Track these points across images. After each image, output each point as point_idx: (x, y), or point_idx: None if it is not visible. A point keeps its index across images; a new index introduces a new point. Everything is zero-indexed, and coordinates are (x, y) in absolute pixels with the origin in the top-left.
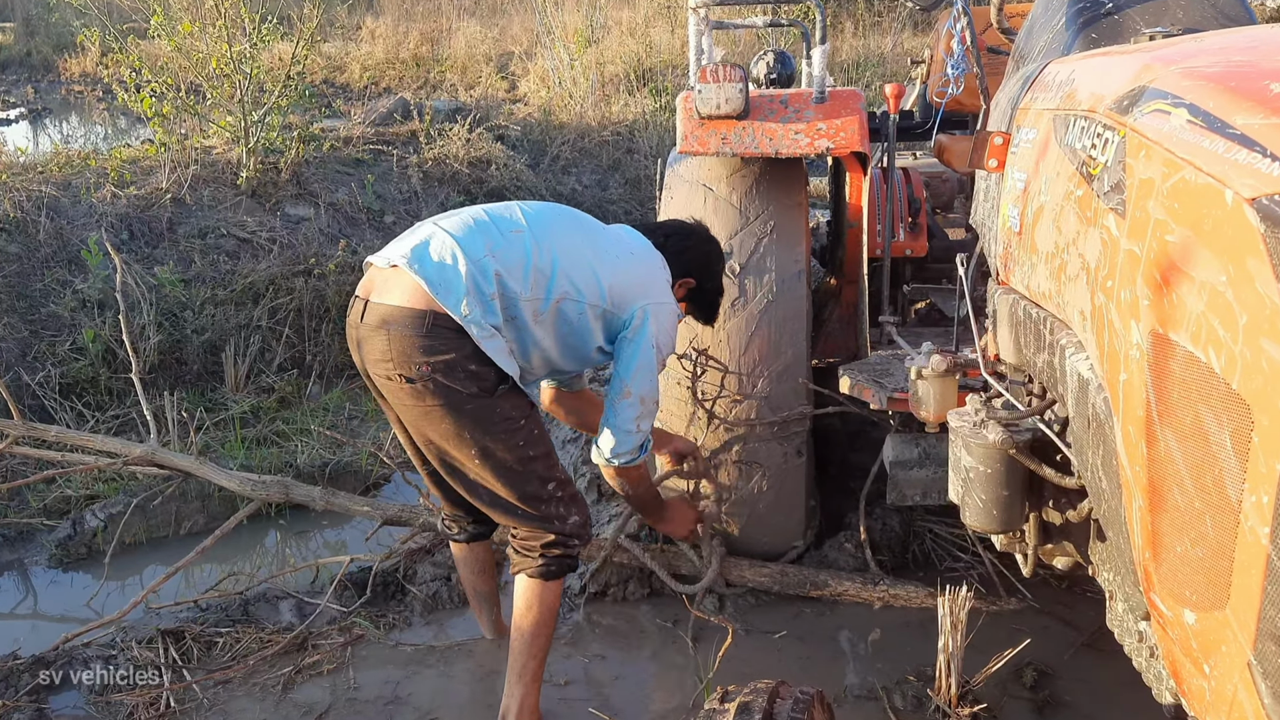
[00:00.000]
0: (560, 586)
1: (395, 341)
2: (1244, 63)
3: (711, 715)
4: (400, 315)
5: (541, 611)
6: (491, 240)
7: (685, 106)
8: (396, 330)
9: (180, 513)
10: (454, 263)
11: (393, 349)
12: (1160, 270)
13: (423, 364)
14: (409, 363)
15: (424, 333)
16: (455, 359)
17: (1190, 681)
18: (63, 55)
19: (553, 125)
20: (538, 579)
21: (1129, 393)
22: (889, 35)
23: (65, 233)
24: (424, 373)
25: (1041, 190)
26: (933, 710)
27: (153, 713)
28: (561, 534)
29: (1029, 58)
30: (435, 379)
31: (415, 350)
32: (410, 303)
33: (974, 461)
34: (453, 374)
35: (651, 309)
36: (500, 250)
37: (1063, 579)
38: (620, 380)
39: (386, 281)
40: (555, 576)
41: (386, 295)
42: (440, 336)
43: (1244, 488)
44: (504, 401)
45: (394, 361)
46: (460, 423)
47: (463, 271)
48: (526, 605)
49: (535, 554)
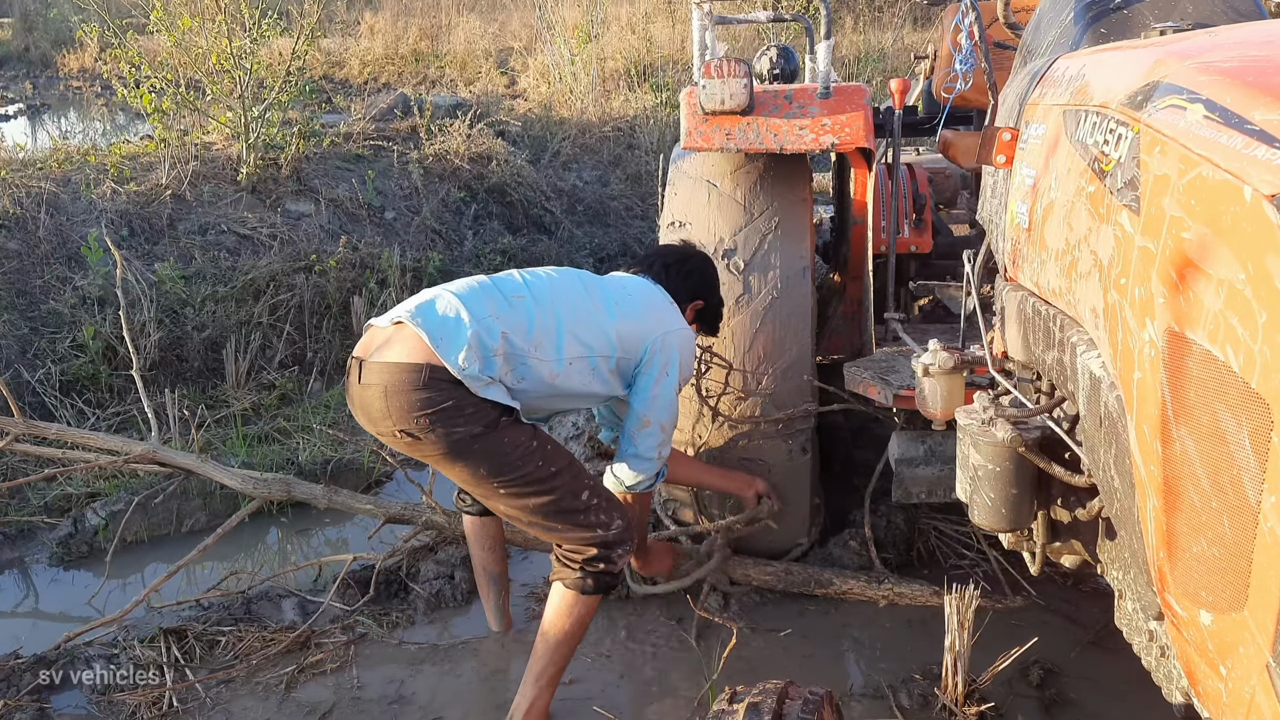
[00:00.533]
0: (597, 602)
1: (393, 398)
2: (1261, 57)
3: (720, 716)
4: (396, 370)
5: (573, 623)
6: (495, 304)
7: (689, 102)
8: (394, 388)
9: (182, 511)
10: (457, 318)
11: (390, 406)
12: (1176, 268)
13: (421, 417)
14: (408, 418)
15: (420, 386)
16: (451, 406)
17: (1205, 683)
18: (61, 51)
19: (553, 121)
20: (574, 591)
21: (1143, 391)
22: (890, 30)
23: (65, 229)
24: (424, 425)
25: (1051, 186)
26: (939, 709)
27: (155, 712)
28: (604, 543)
29: (1037, 53)
30: (436, 429)
31: (413, 405)
32: (408, 358)
33: (982, 460)
34: (452, 420)
35: (663, 339)
36: (504, 314)
37: (1068, 577)
38: (637, 412)
39: (387, 340)
40: (594, 592)
41: (385, 353)
42: (435, 388)
43: (1263, 488)
44: (509, 431)
45: (393, 419)
46: (473, 463)
47: (467, 327)
48: (558, 614)
49: (576, 567)
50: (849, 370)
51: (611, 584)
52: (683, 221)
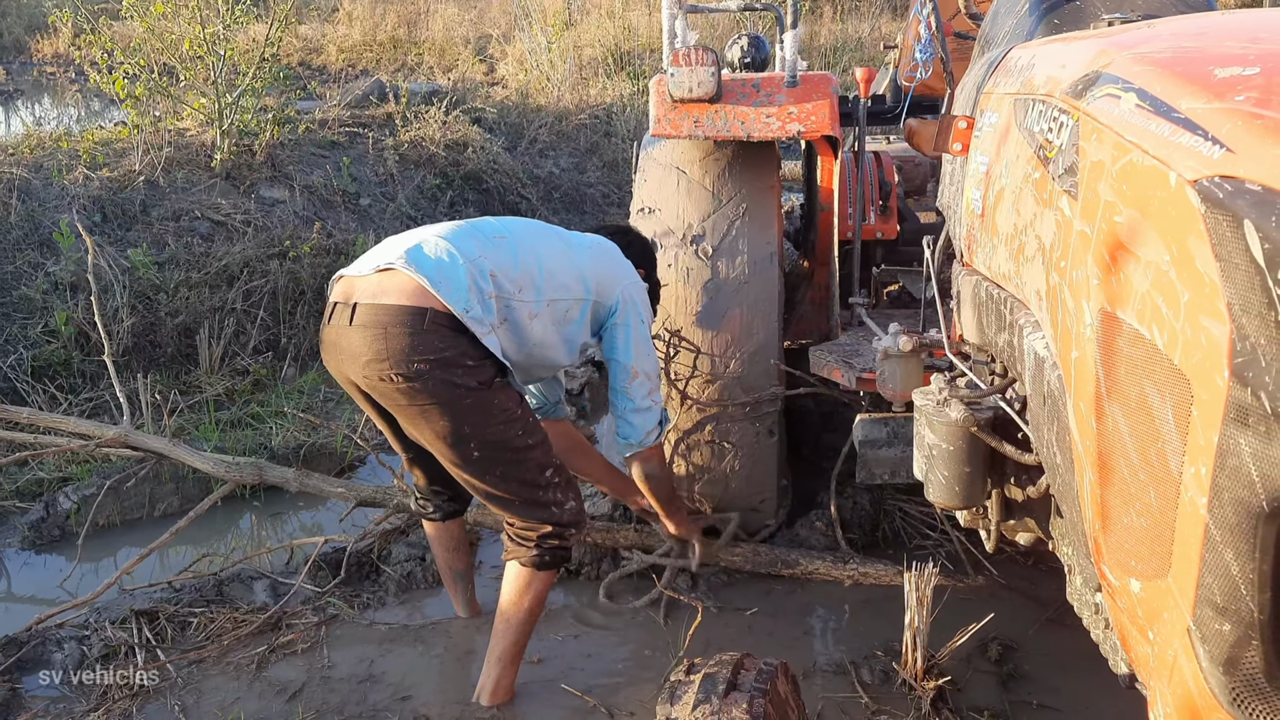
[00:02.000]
0: (553, 577)
1: (393, 340)
2: (1192, 48)
3: (677, 686)
4: (398, 313)
5: (531, 600)
6: (481, 243)
7: (658, 90)
8: (395, 328)
9: (154, 495)
10: (452, 261)
11: (390, 348)
12: (1109, 250)
13: (420, 361)
14: (406, 361)
15: (422, 330)
16: (453, 355)
17: (1137, 649)
18: (34, 36)
19: (530, 108)
20: (530, 568)
21: (1080, 370)
22: (867, 20)
23: (37, 215)
24: (421, 370)
25: (1002, 173)
26: (899, 684)
27: (127, 692)
28: (559, 523)
29: (994, 43)
30: (435, 375)
31: (413, 348)
32: (409, 300)
33: (937, 439)
34: (451, 370)
35: (632, 288)
36: (490, 253)
37: (1027, 556)
38: (622, 365)
39: (378, 284)
40: (549, 567)
41: (379, 296)
42: (438, 334)
43: (1184, 460)
44: (500, 394)
45: (390, 361)
46: (459, 418)
47: (463, 268)
48: (516, 592)
49: (531, 544)
50: (814, 354)
51: (565, 559)
52: (652, 208)
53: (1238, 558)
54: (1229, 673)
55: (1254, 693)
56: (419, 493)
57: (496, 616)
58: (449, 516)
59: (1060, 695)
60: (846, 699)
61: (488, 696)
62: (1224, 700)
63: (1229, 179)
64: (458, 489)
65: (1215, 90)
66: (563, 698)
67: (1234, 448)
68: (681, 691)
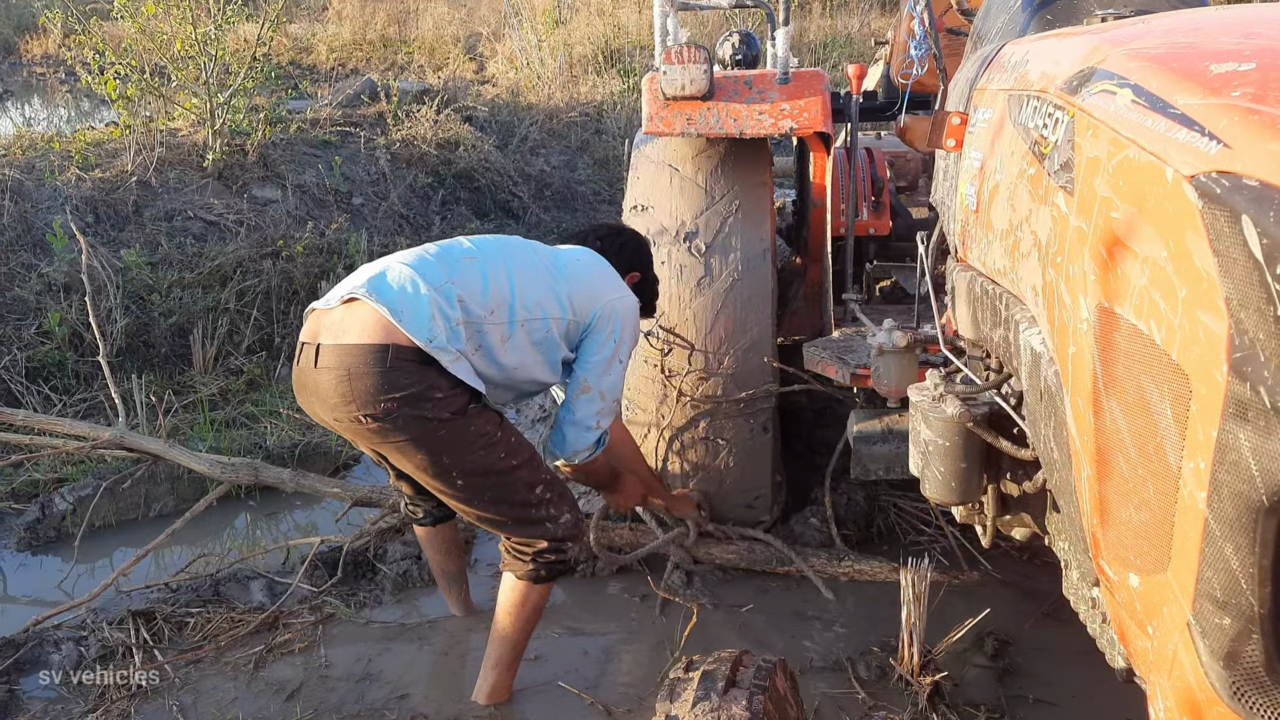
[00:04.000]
0: (549, 589)
1: (356, 381)
2: (1187, 44)
3: (676, 684)
4: (359, 353)
5: (528, 611)
6: (448, 267)
7: (650, 88)
8: (358, 369)
9: (150, 495)
10: (414, 290)
11: (354, 390)
12: (1106, 246)
13: (388, 401)
14: (373, 402)
15: (385, 368)
16: (420, 390)
17: (1135, 643)
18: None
19: (521, 106)
20: (527, 581)
21: (1077, 365)
22: (857, 16)
23: (29, 216)
24: (390, 409)
25: (997, 169)
26: (896, 679)
27: (124, 693)
28: (554, 537)
29: (987, 39)
30: (404, 412)
31: (379, 388)
32: (369, 338)
33: (932, 435)
34: (420, 405)
35: (611, 305)
36: (458, 277)
37: (1023, 551)
38: (580, 376)
39: (340, 320)
40: (546, 581)
41: (341, 335)
42: (402, 370)
43: (1183, 454)
44: (476, 419)
45: (357, 403)
46: (436, 451)
47: (426, 297)
48: (513, 604)
49: (528, 559)
50: (808, 350)
51: (563, 570)
52: (645, 205)
53: (1237, 552)
54: (1229, 667)
55: (1254, 686)
56: (409, 500)
57: (493, 625)
58: (440, 521)
59: (1056, 689)
60: (844, 695)
61: (485, 698)
62: (1224, 694)
63: (1226, 174)
64: None
65: (1211, 86)
66: (561, 696)
67: (1233, 442)
68: (681, 689)
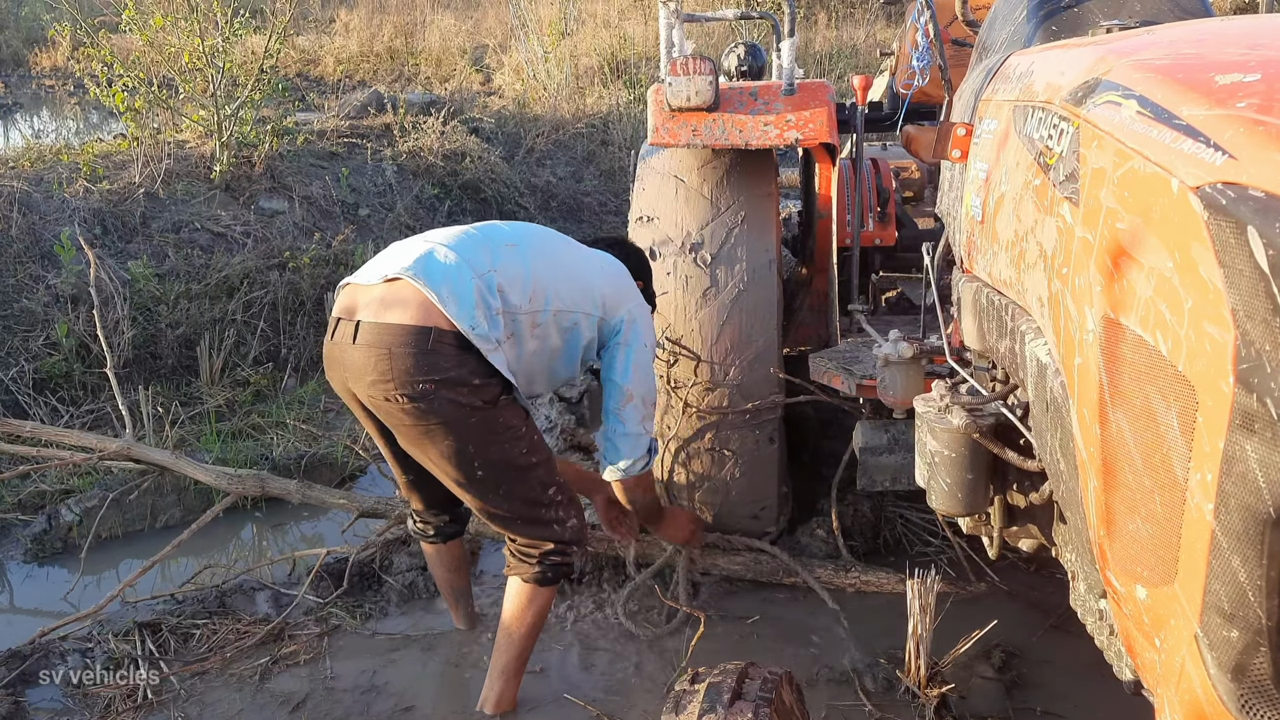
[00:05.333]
0: (554, 592)
1: (398, 360)
2: (1192, 55)
3: (681, 696)
4: (402, 333)
5: (534, 615)
6: (491, 254)
7: (656, 99)
8: (399, 349)
9: (156, 506)
10: (460, 276)
11: (395, 368)
12: (1112, 257)
13: (425, 382)
14: (411, 382)
15: (427, 350)
16: (458, 374)
17: (1143, 655)
18: (33, 49)
19: (527, 117)
20: (533, 584)
21: (1083, 376)
22: (862, 27)
23: (37, 228)
24: (427, 390)
25: (1002, 180)
26: (902, 692)
27: (130, 704)
28: (561, 540)
29: (992, 50)
30: (440, 395)
31: (418, 369)
32: (412, 319)
33: (939, 446)
34: (456, 389)
35: (636, 312)
36: (500, 265)
37: (1030, 562)
38: (618, 386)
39: (381, 298)
40: (551, 583)
41: (385, 313)
42: (443, 353)
43: (1189, 466)
44: (506, 411)
45: (395, 381)
46: (464, 438)
47: (471, 284)
48: (519, 608)
49: (534, 561)
50: (814, 361)
51: (568, 574)
52: (651, 216)
53: (1245, 564)
54: (1237, 679)
55: (1262, 699)
56: (417, 516)
57: (499, 630)
58: (449, 539)
59: (1064, 702)
60: (850, 707)
61: (491, 707)
62: (1232, 707)
63: (1231, 185)
64: (456, 511)
65: (1216, 97)
66: (566, 708)
67: (1240, 454)
68: (686, 701)
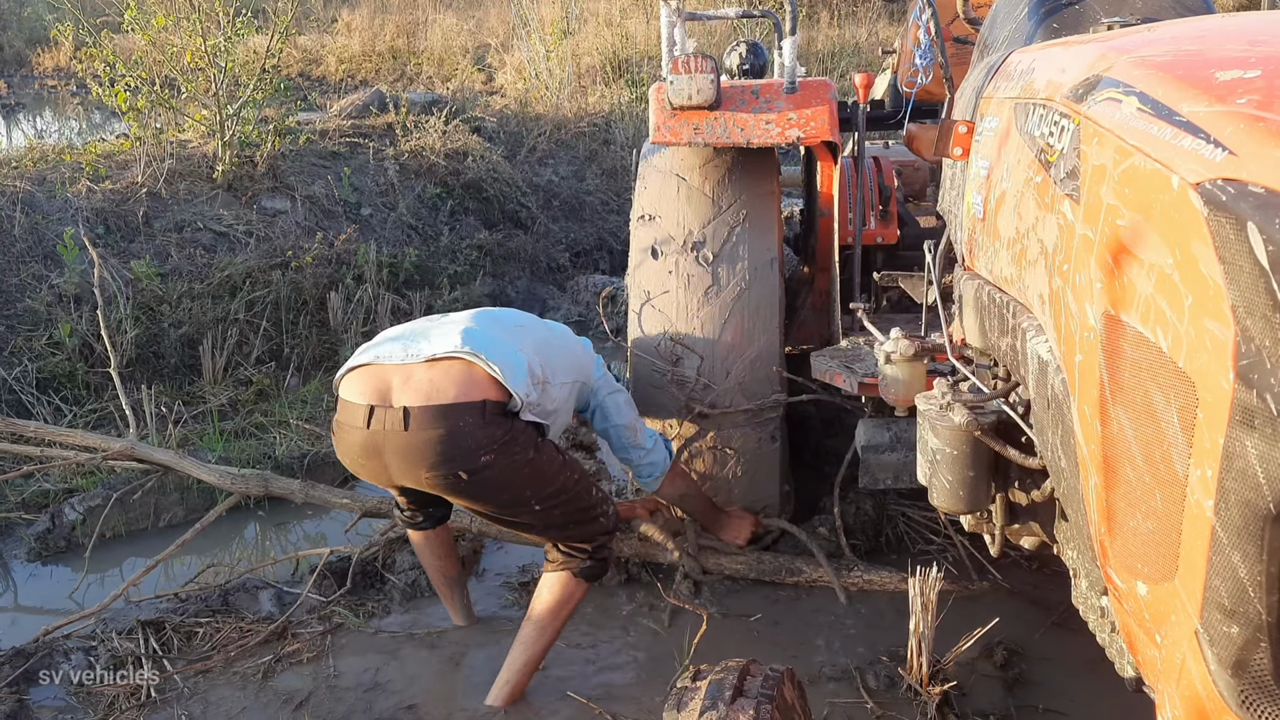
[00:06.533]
0: (589, 588)
1: (459, 440)
2: (1192, 52)
3: (683, 693)
4: (460, 412)
5: (569, 610)
6: (511, 334)
7: (658, 97)
8: (458, 429)
9: (159, 505)
10: (508, 350)
11: (457, 449)
12: (1112, 254)
13: (487, 454)
14: (475, 458)
15: (484, 422)
16: (510, 436)
17: (1144, 652)
18: (36, 50)
19: (529, 117)
20: (579, 578)
21: (1084, 373)
22: (864, 25)
23: (40, 228)
24: (488, 462)
25: (1003, 177)
26: (904, 689)
27: (133, 703)
28: (606, 530)
29: (993, 47)
30: (499, 463)
31: (481, 444)
32: (466, 396)
33: (940, 443)
34: (511, 451)
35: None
36: (523, 344)
37: (1032, 560)
38: (620, 426)
39: (430, 380)
40: (595, 577)
41: (435, 395)
42: (497, 423)
43: (1190, 462)
44: (546, 450)
45: (459, 460)
46: (520, 487)
47: (522, 358)
48: (558, 601)
49: (586, 555)
50: (816, 360)
51: (606, 569)
52: (652, 215)
53: (1245, 560)
54: (1237, 675)
55: (1263, 695)
56: (403, 506)
57: (527, 624)
58: (438, 523)
59: (1066, 699)
60: (852, 705)
61: (503, 700)
62: (1233, 703)
63: (1232, 182)
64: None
65: (1217, 93)
66: (569, 705)
67: (1240, 450)
68: (688, 698)
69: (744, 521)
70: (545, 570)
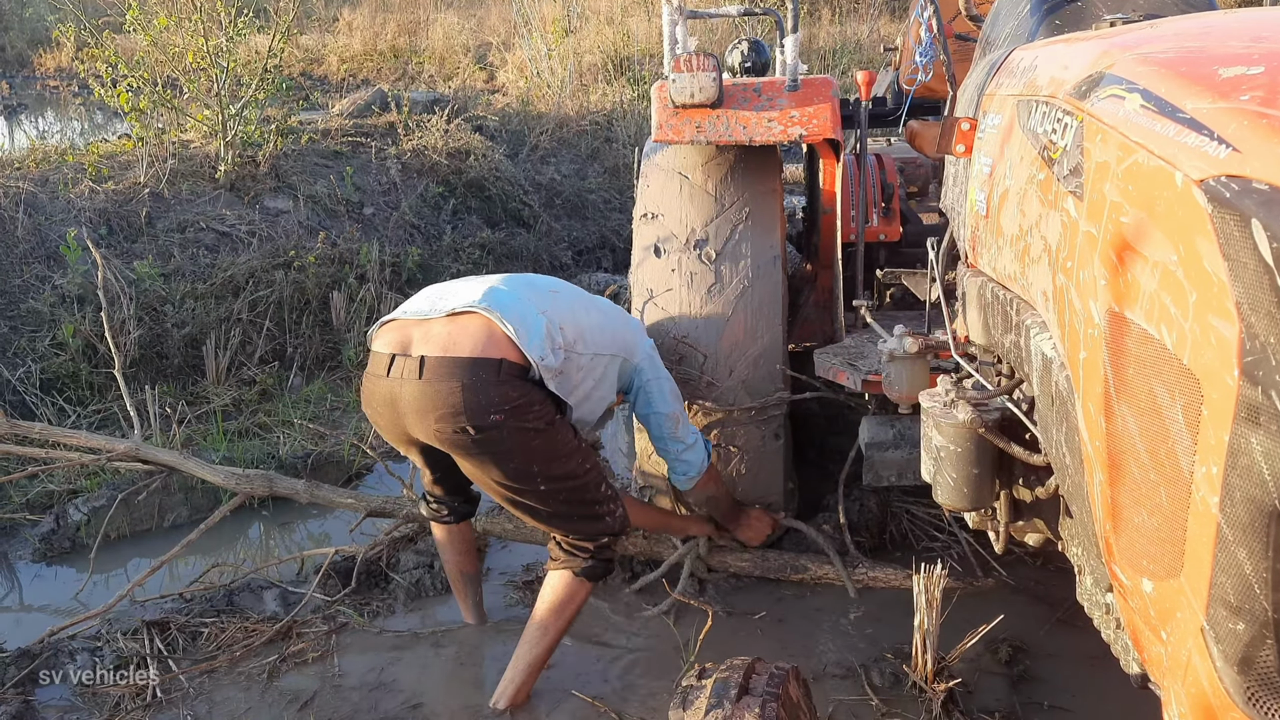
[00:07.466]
0: (592, 588)
1: (470, 394)
2: (1195, 48)
3: (689, 691)
4: (473, 367)
5: (572, 610)
6: (540, 297)
7: (660, 96)
8: (471, 383)
9: (164, 506)
10: (529, 310)
11: (467, 402)
12: (1116, 251)
13: (497, 413)
14: (483, 414)
15: (497, 382)
16: (524, 402)
17: (1150, 649)
18: (38, 50)
19: (531, 115)
20: (581, 577)
21: (1089, 370)
22: (866, 22)
23: (43, 228)
24: (497, 421)
25: (1006, 174)
26: (909, 687)
27: (139, 703)
28: (612, 531)
29: (995, 44)
30: (509, 424)
31: (491, 401)
32: (483, 352)
33: (944, 440)
34: (523, 416)
35: (649, 347)
36: (550, 307)
37: (1037, 557)
38: (663, 415)
39: (448, 333)
40: (598, 577)
41: (451, 347)
42: (511, 384)
43: (1195, 459)
44: (563, 430)
45: (467, 414)
46: (529, 459)
47: (541, 319)
48: (561, 601)
49: (587, 554)
50: (819, 357)
51: (610, 569)
52: (655, 213)
53: (1251, 556)
54: (1244, 672)
55: (1269, 691)
56: (433, 498)
57: (531, 625)
58: (463, 518)
59: (1071, 696)
60: (857, 702)
61: (507, 700)
62: (1239, 699)
63: (1235, 178)
64: (470, 492)
65: (1220, 90)
66: (574, 704)
67: (1245, 447)
68: (694, 696)
69: (763, 522)
70: (548, 568)
